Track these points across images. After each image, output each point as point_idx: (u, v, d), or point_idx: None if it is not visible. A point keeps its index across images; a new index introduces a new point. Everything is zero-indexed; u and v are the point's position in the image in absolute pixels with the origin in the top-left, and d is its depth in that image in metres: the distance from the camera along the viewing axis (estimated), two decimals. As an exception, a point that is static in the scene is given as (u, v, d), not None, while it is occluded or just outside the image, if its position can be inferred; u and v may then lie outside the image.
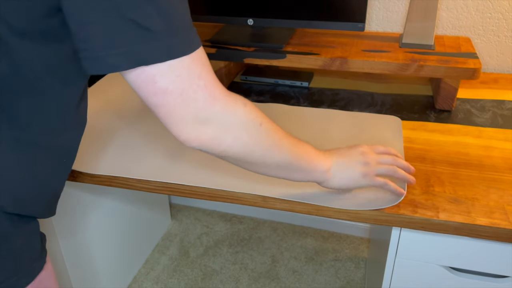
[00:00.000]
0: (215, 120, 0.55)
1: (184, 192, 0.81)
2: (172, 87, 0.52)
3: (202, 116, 0.54)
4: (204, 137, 0.55)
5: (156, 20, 0.49)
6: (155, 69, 0.51)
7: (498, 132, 0.95)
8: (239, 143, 0.58)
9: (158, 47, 0.50)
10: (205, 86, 0.53)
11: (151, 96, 0.52)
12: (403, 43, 1.09)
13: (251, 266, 1.56)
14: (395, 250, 0.81)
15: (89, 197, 1.19)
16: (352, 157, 0.71)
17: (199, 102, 0.53)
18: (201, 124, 0.54)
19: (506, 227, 0.69)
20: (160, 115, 0.54)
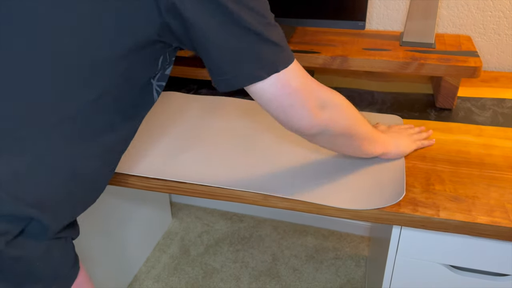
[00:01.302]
0: (328, 103, 0.67)
1: (184, 190, 0.81)
2: (300, 85, 0.63)
3: (322, 102, 0.66)
4: (325, 119, 0.67)
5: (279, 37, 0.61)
6: (286, 75, 0.61)
7: (498, 130, 0.95)
8: (345, 118, 0.71)
9: (284, 56, 0.61)
10: (312, 79, 0.66)
11: (287, 98, 0.62)
12: (404, 41, 1.09)
13: (252, 265, 1.57)
14: (396, 248, 0.81)
15: (90, 196, 1.19)
16: (396, 131, 0.88)
17: (316, 91, 0.66)
18: (321, 109, 0.66)
19: (507, 225, 0.70)
20: (292, 113, 0.64)
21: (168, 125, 0.98)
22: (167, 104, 1.07)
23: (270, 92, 0.62)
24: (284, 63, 0.61)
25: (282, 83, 0.62)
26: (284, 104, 0.63)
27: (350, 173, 0.81)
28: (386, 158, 0.84)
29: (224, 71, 0.60)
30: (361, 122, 0.74)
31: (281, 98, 0.63)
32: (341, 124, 0.70)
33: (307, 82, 0.65)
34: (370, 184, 0.78)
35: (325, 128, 0.68)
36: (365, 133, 0.76)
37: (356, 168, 0.83)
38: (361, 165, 0.83)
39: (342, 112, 0.70)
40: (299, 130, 0.67)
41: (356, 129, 0.73)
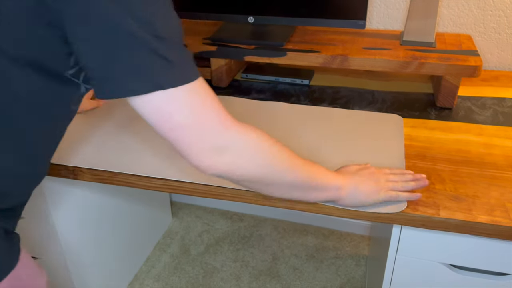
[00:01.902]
0: (230, 147, 0.58)
1: (185, 190, 0.81)
2: (186, 121, 0.55)
3: (219, 145, 0.57)
4: (222, 165, 0.58)
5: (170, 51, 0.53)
6: (170, 105, 0.54)
7: (499, 129, 0.95)
8: (254, 166, 0.61)
9: (175, 73, 0.53)
10: (217, 117, 0.57)
11: (168, 132, 0.55)
12: (404, 40, 1.09)
13: (252, 264, 1.57)
14: (396, 248, 0.81)
15: (90, 195, 1.19)
16: (363, 175, 0.73)
17: (213, 131, 0.56)
18: (218, 152, 0.57)
19: (507, 224, 0.70)
20: (179, 148, 0.57)
21: None
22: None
23: (150, 119, 0.55)
24: (174, 81, 0.53)
25: (162, 114, 0.54)
26: (166, 136, 0.56)
27: None
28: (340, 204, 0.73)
29: (96, 75, 0.54)
30: (286, 170, 0.64)
31: (162, 130, 0.55)
32: (250, 172, 0.61)
33: (201, 118, 0.55)
34: None
35: (224, 174, 0.59)
36: (291, 182, 0.65)
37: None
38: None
39: (253, 159, 0.60)
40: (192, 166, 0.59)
41: (272, 178, 0.63)
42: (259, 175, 0.62)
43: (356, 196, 0.71)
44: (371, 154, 0.86)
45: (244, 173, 0.61)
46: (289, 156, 0.64)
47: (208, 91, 0.57)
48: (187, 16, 1.16)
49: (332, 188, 0.70)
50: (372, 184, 0.72)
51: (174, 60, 0.53)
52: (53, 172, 0.87)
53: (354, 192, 0.71)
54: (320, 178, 0.68)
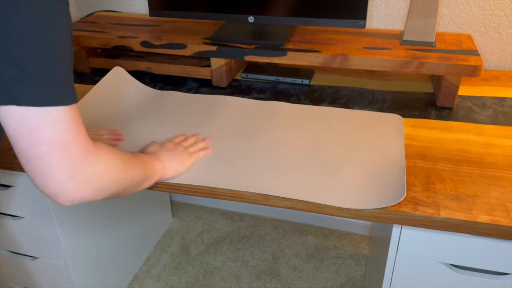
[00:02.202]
0: (92, 176, 0.58)
1: (185, 189, 0.81)
2: (57, 139, 0.52)
3: (82, 174, 0.56)
4: (87, 194, 0.58)
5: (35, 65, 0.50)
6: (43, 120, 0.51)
7: (499, 129, 0.95)
8: (114, 185, 0.63)
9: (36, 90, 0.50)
10: (84, 141, 0.56)
11: (33, 147, 0.52)
12: (404, 40, 1.09)
13: (252, 264, 1.57)
14: (396, 247, 0.81)
15: (90, 195, 1.19)
16: (171, 150, 0.84)
17: (79, 158, 0.55)
18: (81, 182, 0.56)
19: (507, 224, 0.69)
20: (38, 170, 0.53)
21: (168, 125, 0.98)
22: (167, 104, 1.07)
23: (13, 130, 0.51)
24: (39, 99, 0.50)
25: (30, 126, 0.50)
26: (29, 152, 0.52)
27: (350, 172, 0.81)
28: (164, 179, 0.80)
29: None
30: (130, 174, 0.67)
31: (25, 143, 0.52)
32: (110, 190, 0.62)
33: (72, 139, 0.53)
34: (371, 184, 0.78)
35: (86, 200, 0.59)
36: (137, 179, 0.70)
37: (356, 167, 0.83)
38: (361, 164, 0.83)
39: (109, 179, 0.61)
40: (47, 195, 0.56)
41: (126, 185, 0.66)
42: (118, 190, 0.65)
43: (175, 167, 0.81)
44: (371, 154, 0.86)
45: (106, 194, 0.62)
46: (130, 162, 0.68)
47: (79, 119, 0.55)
48: (187, 16, 1.16)
49: (158, 170, 0.78)
50: (180, 154, 0.84)
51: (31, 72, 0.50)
52: (53, 172, 0.87)
53: (173, 165, 0.81)
54: (148, 167, 0.75)
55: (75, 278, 1.16)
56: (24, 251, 1.12)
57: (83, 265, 1.19)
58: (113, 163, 0.62)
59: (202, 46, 1.11)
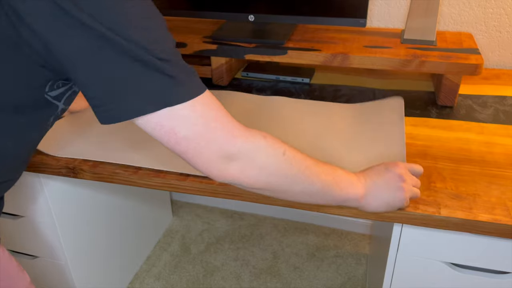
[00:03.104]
0: (239, 156, 0.58)
1: (185, 188, 0.81)
2: (191, 134, 0.55)
3: (227, 153, 0.57)
4: (232, 173, 0.59)
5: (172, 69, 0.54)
6: (173, 121, 0.55)
7: (500, 128, 0.95)
8: (265, 174, 0.60)
9: (179, 91, 0.54)
10: (222, 126, 0.57)
11: (174, 146, 0.57)
12: (405, 39, 1.08)
13: (253, 263, 1.57)
14: (397, 246, 0.81)
15: (91, 194, 1.19)
16: (389, 181, 0.69)
17: (219, 142, 0.56)
18: (227, 161, 0.58)
19: (508, 223, 0.69)
20: (188, 160, 0.58)
21: None
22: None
23: (155, 135, 0.56)
24: (180, 97, 0.54)
25: (166, 130, 0.55)
26: (175, 150, 0.57)
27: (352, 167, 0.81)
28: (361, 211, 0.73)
29: (98, 101, 0.54)
30: (302, 177, 0.62)
31: (169, 145, 0.57)
32: (261, 180, 0.60)
33: (205, 129, 0.56)
34: None
35: (234, 182, 0.60)
36: (309, 189, 0.64)
37: (356, 164, 0.83)
38: (362, 159, 0.83)
39: (263, 168, 0.60)
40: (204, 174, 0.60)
41: (289, 186, 0.62)
42: (271, 184, 0.61)
43: (377, 206, 0.70)
44: (372, 145, 0.86)
45: (254, 182, 0.60)
46: (303, 164, 0.62)
47: (213, 103, 0.57)
48: (188, 14, 1.16)
49: (351, 198, 0.67)
50: (397, 193, 0.69)
51: (176, 76, 0.54)
52: (53, 171, 0.87)
53: (375, 202, 0.69)
54: (339, 187, 0.66)
55: (75, 277, 1.16)
56: (24, 250, 1.12)
57: (84, 264, 1.19)
58: (266, 153, 0.59)
59: (203, 45, 1.11)
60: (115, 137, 0.93)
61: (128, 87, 0.52)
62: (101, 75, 0.52)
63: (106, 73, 0.51)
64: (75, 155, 0.88)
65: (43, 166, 0.88)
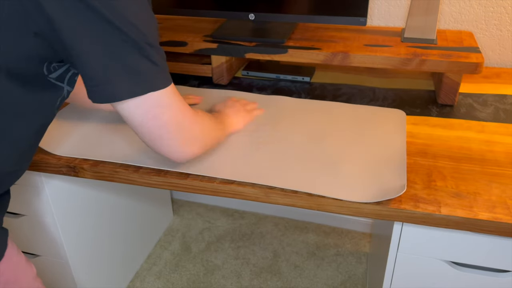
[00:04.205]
0: (198, 135, 0.71)
1: (185, 187, 0.81)
2: (172, 119, 0.63)
3: (193, 135, 0.69)
4: (196, 150, 0.72)
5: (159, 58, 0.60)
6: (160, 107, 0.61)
7: (500, 126, 0.95)
8: (211, 140, 0.77)
9: (163, 77, 0.61)
10: (187, 112, 0.67)
11: (156, 129, 0.63)
12: (405, 37, 1.08)
13: (253, 261, 1.57)
14: (397, 245, 0.81)
15: (91, 193, 1.19)
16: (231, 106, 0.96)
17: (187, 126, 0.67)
18: (192, 143, 0.70)
19: (508, 221, 0.69)
20: (158, 145, 0.66)
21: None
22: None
23: (139, 118, 0.62)
24: (163, 83, 0.61)
25: (154, 114, 0.61)
26: (152, 133, 0.63)
27: (350, 166, 0.81)
28: None
29: (96, 81, 0.58)
30: (218, 130, 0.81)
31: (150, 128, 0.63)
32: (210, 145, 0.77)
33: (181, 115, 0.65)
34: (371, 177, 0.78)
35: (193, 158, 0.73)
36: (221, 134, 0.84)
37: (356, 161, 0.83)
38: (362, 158, 0.83)
39: (209, 137, 0.76)
40: (168, 158, 0.69)
41: (216, 139, 0.82)
42: (213, 144, 0.80)
43: (236, 123, 0.92)
44: (372, 148, 0.86)
45: (206, 148, 0.76)
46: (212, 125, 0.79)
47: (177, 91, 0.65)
48: (188, 13, 1.16)
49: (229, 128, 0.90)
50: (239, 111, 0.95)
51: (160, 64, 0.60)
52: (54, 170, 0.88)
53: (233, 122, 0.92)
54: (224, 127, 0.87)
55: (76, 276, 1.16)
56: (25, 249, 1.13)
57: (84, 263, 1.20)
58: (209, 123, 0.76)
59: (203, 44, 1.11)
60: (116, 137, 0.93)
61: (127, 70, 0.57)
62: (103, 57, 0.56)
63: (108, 55, 0.56)
64: (76, 154, 0.88)
65: (44, 165, 0.88)
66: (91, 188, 1.19)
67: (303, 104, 1.04)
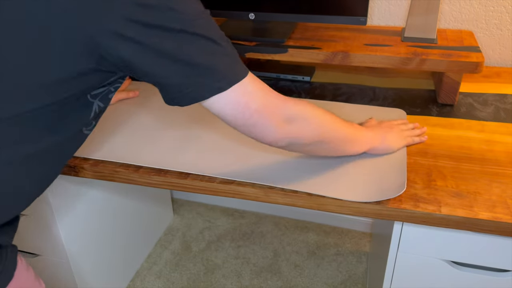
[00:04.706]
0: (295, 117, 0.68)
1: (185, 187, 0.81)
2: (260, 106, 0.64)
3: (286, 117, 0.67)
4: (292, 132, 0.68)
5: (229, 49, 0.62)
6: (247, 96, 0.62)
7: (500, 126, 0.95)
8: (315, 128, 0.71)
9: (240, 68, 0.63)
10: (275, 95, 0.67)
11: (248, 120, 0.64)
12: (405, 37, 1.08)
13: (253, 261, 1.57)
14: (397, 244, 0.81)
15: (92, 192, 1.19)
16: (384, 127, 0.88)
17: (279, 108, 0.66)
18: (287, 123, 0.67)
19: (508, 221, 0.69)
20: (255, 133, 0.67)
21: (173, 118, 0.98)
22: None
23: (230, 114, 0.63)
24: (241, 73, 0.62)
25: (241, 105, 0.62)
26: (246, 124, 0.65)
27: (351, 166, 0.81)
28: (373, 153, 0.84)
29: (178, 89, 0.60)
30: (336, 127, 0.75)
31: (242, 120, 0.64)
32: (310, 134, 0.71)
33: (268, 100, 0.65)
34: (371, 177, 0.78)
35: (293, 140, 0.70)
36: (342, 137, 0.77)
37: (357, 161, 0.83)
38: (362, 158, 0.83)
39: (311, 123, 0.70)
40: (266, 143, 0.69)
41: (329, 135, 0.74)
42: (316, 135, 0.72)
43: (385, 143, 0.84)
44: None
45: (307, 136, 0.70)
46: (334, 117, 0.75)
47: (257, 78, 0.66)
48: (188, 12, 1.16)
49: (368, 140, 0.82)
50: (395, 133, 0.87)
51: (234, 57, 0.62)
52: (54, 169, 0.88)
53: (383, 141, 0.84)
54: (358, 133, 0.80)
55: (76, 275, 1.16)
56: (25, 248, 1.13)
57: (85, 262, 1.20)
58: (313, 117, 0.71)
59: (203, 43, 1.10)
60: (116, 136, 0.93)
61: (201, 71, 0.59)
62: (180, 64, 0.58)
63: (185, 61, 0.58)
64: (76, 153, 0.88)
65: (44, 165, 0.88)
66: (92, 187, 1.19)
67: None
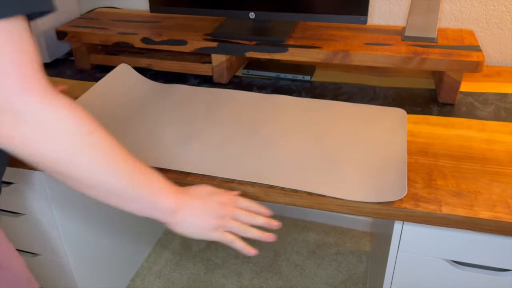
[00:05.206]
0: (28, 117, 0.46)
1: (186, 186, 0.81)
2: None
3: (13, 108, 0.45)
4: (11, 135, 0.46)
5: None
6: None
7: (501, 125, 0.94)
8: (53, 150, 0.48)
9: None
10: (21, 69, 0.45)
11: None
12: (406, 36, 1.08)
13: (253, 260, 1.57)
14: (397, 244, 0.81)
15: (91, 192, 1.19)
16: (209, 204, 0.64)
17: (9, 89, 0.44)
18: (12, 119, 0.45)
19: (509, 220, 0.69)
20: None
21: (173, 116, 0.98)
22: (172, 96, 1.07)
23: None
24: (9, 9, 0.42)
25: None
26: None
27: (351, 165, 0.81)
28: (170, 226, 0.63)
29: None
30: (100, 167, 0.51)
31: None
32: (46, 155, 0.48)
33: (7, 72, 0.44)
34: (371, 177, 0.78)
35: (11, 147, 0.47)
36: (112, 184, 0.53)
37: (357, 160, 0.82)
38: (362, 157, 0.83)
39: (53, 140, 0.47)
40: None
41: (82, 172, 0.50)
42: (59, 164, 0.49)
43: (190, 227, 0.62)
44: (373, 147, 0.86)
45: (39, 154, 0.48)
46: (111, 153, 0.52)
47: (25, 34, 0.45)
48: (188, 12, 1.16)
49: (161, 208, 0.59)
50: (213, 219, 0.63)
51: None
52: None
53: (190, 222, 0.62)
54: (148, 191, 0.57)
55: (76, 275, 1.16)
56: (25, 248, 1.13)
57: (84, 262, 1.20)
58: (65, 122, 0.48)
59: (203, 43, 1.10)
60: (116, 136, 0.93)
61: None
62: None
63: None
64: None
65: (43, 164, 0.88)
66: (91, 187, 1.19)
67: (304, 103, 1.04)
